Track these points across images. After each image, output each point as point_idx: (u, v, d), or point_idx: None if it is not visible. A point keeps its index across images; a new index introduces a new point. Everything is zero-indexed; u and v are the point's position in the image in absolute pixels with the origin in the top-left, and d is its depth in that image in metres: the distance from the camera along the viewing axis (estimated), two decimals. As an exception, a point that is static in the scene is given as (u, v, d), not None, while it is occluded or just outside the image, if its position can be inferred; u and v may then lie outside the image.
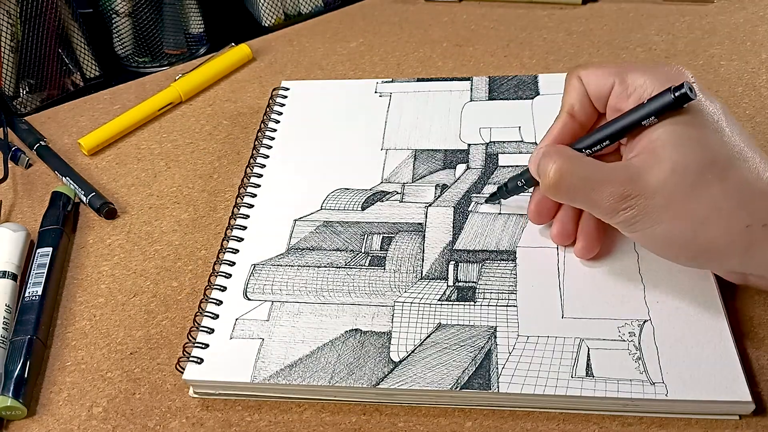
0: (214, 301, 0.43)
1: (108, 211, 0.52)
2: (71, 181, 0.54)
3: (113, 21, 0.66)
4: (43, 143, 0.58)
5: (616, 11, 0.66)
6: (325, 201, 0.48)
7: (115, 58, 0.69)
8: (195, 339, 0.41)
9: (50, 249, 0.48)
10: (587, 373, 0.37)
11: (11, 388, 0.40)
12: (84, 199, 0.53)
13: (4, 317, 0.44)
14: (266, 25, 0.71)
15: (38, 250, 0.48)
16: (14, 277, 0.47)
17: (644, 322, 0.39)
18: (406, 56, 0.64)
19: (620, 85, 0.38)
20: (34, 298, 0.45)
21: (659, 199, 0.34)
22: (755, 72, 0.57)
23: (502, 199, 0.46)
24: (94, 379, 0.42)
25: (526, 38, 0.64)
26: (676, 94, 0.35)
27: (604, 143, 0.38)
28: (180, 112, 0.61)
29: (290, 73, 0.63)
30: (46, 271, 0.46)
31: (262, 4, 0.70)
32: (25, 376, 0.41)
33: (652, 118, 0.35)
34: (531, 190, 0.43)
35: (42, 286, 0.46)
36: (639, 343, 0.38)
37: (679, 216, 0.34)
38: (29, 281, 0.46)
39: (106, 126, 0.58)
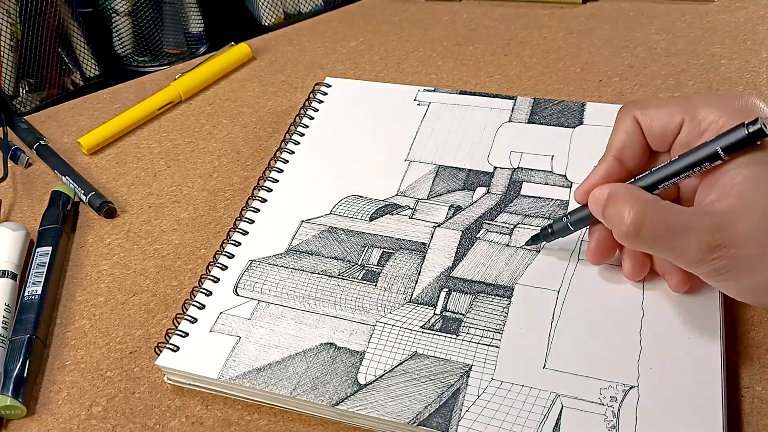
0: (205, 291, 0.43)
1: (108, 210, 0.52)
2: (71, 181, 0.54)
3: (113, 20, 0.66)
4: (42, 142, 0.58)
5: (616, 10, 0.66)
6: (336, 206, 0.48)
7: (114, 57, 0.69)
8: (178, 326, 0.41)
9: (50, 248, 0.48)
10: None
11: (11, 388, 0.40)
12: (84, 198, 0.53)
13: (4, 316, 0.44)
14: (266, 24, 0.71)
15: (38, 250, 0.48)
16: (14, 276, 0.47)
17: (630, 388, 0.36)
18: (406, 55, 0.64)
19: (691, 122, 0.36)
20: (33, 297, 0.45)
21: (753, 249, 0.32)
22: (756, 71, 0.57)
23: (544, 242, 0.43)
24: (94, 378, 0.42)
25: (527, 37, 0.64)
26: (750, 129, 0.32)
27: (672, 181, 0.36)
28: (180, 111, 0.61)
29: (290, 73, 0.63)
30: (45, 270, 0.46)
31: (262, 4, 0.70)
32: (25, 375, 0.41)
33: (723, 155, 0.33)
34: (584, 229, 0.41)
35: (41, 285, 0.45)
36: (618, 411, 0.35)
37: None
38: (29, 280, 0.46)
39: (105, 125, 0.58)
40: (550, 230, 0.42)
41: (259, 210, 0.48)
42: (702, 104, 0.36)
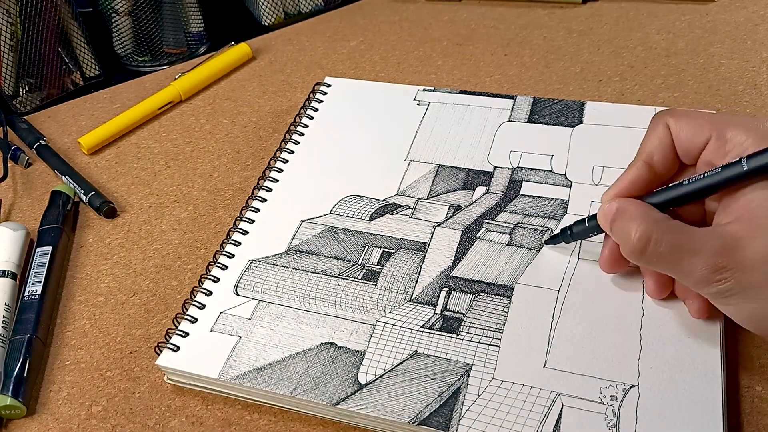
0: (205, 291, 0.43)
1: (108, 210, 0.52)
2: (71, 180, 0.54)
3: (113, 20, 0.66)
4: (42, 142, 0.58)
5: (616, 10, 0.66)
6: (336, 206, 0.48)
7: (114, 57, 0.69)
8: (178, 326, 0.41)
9: (50, 248, 0.48)
10: (554, 431, 0.35)
11: (11, 387, 0.40)
12: (84, 198, 0.53)
13: (4, 316, 0.44)
14: (266, 24, 0.71)
15: (38, 249, 0.48)
16: (14, 276, 0.47)
17: (630, 388, 0.36)
18: (407, 55, 0.64)
19: (718, 141, 0.35)
20: (33, 297, 0.45)
21: (759, 275, 0.31)
22: (756, 71, 0.57)
23: (563, 242, 0.43)
24: (94, 378, 0.42)
25: (527, 37, 0.64)
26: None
27: (691, 199, 0.35)
28: (180, 111, 0.61)
29: (290, 73, 0.63)
30: (45, 270, 0.46)
31: (262, 3, 0.70)
32: (25, 375, 0.41)
33: (746, 179, 0.33)
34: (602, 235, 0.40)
35: (41, 285, 0.45)
36: (618, 410, 0.35)
37: None
38: (29, 280, 0.46)
39: (105, 125, 0.58)
40: (569, 232, 0.42)
41: (259, 210, 0.48)
42: (732, 124, 0.35)
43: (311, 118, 0.55)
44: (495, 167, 0.49)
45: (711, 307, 0.37)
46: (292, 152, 0.52)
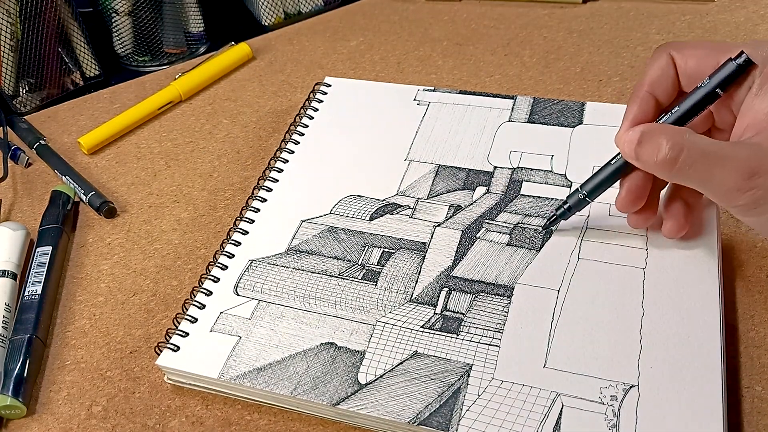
0: (205, 291, 0.43)
1: (108, 210, 0.52)
2: (71, 180, 0.54)
3: (113, 20, 0.66)
4: (42, 142, 0.58)
5: (616, 10, 0.66)
6: (336, 206, 0.48)
7: (114, 57, 0.69)
8: (178, 326, 0.41)
9: (50, 248, 0.48)
10: (554, 431, 0.35)
11: (11, 387, 0.40)
12: (84, 197, 0.53)
13: (4, 316, 0.44)
14: (266, 24, 0.71)
15: (38, 249, 0.48)
16: (14, 276, 0.47)
17: (630, 387, 0.36)
18: (407, 55, 0.64)
19: None
20: (33, 297, 0.45)
21: None
22: (756, 71, 0.57)
23: (563, 220, 0.43)
24: (94, 378, 0.42)
25: (527, 37, 0.64)
26: (737, 62, 0.34)
27: (701, 108, 0.37)
28: (180, 111, 0.61)
29: (290, 73, 0.63)
30: (45, 270, 0.46)
31: (262, 3, 0.70)
32: (25, 375, 0.41)
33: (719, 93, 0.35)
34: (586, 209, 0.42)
35: (41, 285, 0.45)
36: (618, 410, 0.35)
37: None
38: (29, 280, 0.46)
39: (105, 125, 0.58)
40: (566, 206, 0.42)
41: (259, 210, 0.48)
42: (736, 46, 0.36)
43: (311, 118, 0.55)
44: (495, 167, 0.49)
45: (686, 224, 0.38)
46: (292, 152, 0.52)
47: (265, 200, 0.48)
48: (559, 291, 0.41)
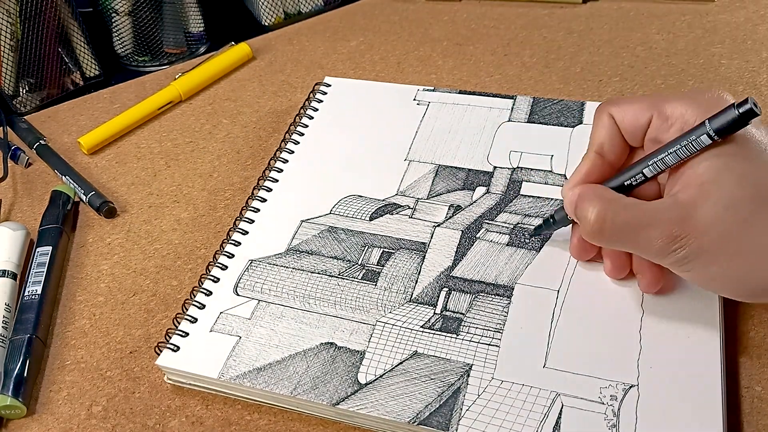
0: (205, 291, 0.43)
1: (108, 210, 0.52)
2: (71, 180, 0.54)
3: (113, 20, 0.66)
4: (42, 142, 0.58)
5: (616, 10, 0.66)
6: (336, 206, 0.48)
7: (114, 57, 0.69)
8: (178, 326, 0.41)
9: (50, 248, 0.48)
10: (554, 431, 0.35)
11: (11, 387, 0.40)
12: (84, 197, 0.53)
13: (4, 316, 0.44)
14: (266, 24, 0.71)
15: (38, 249, 0.48)
16: (14, 276, 0.47)
17: (630, 387, 0.36)
18: (407, 55, 0.64)
19: (659, 118, 0.37)
20: (33, 297, 0.45)
21: (713, 237, 0.33)
22: (756, 71, 0.57)
23: (547, 232, 0.43)
24: (94, 378, 0.42)
25: (527, 37, 0.64)
26: (741, 110, 0.32)
27: (645, 177, 0.37)
28: (180, 111, 0.61)
29: (290, 73, 0.63)
30: (45, 270, 0.46)
31: (262, 3, 0.70)
32: (25, 375, 0.41)
33: (713, 139, 0.33)
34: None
35: (41, 285, 0.45)
36: (618, 410, 0.35)
37: (735, 253, 0.33)
38: (29, 280, 0.46)
39: (105, 125, 0.58)
40: (552, 221, 0.42)
41: (259, 210, 0.48)
42: (670, 99, 0.37)
43: (311, 118, 0.55)
44: (495, 167, 0.49)
45: (660, 279, 0.38)
46: (292, 152, 0.52)
47: (265, 200, 0.48)
48: (558, 291, 0.41)
